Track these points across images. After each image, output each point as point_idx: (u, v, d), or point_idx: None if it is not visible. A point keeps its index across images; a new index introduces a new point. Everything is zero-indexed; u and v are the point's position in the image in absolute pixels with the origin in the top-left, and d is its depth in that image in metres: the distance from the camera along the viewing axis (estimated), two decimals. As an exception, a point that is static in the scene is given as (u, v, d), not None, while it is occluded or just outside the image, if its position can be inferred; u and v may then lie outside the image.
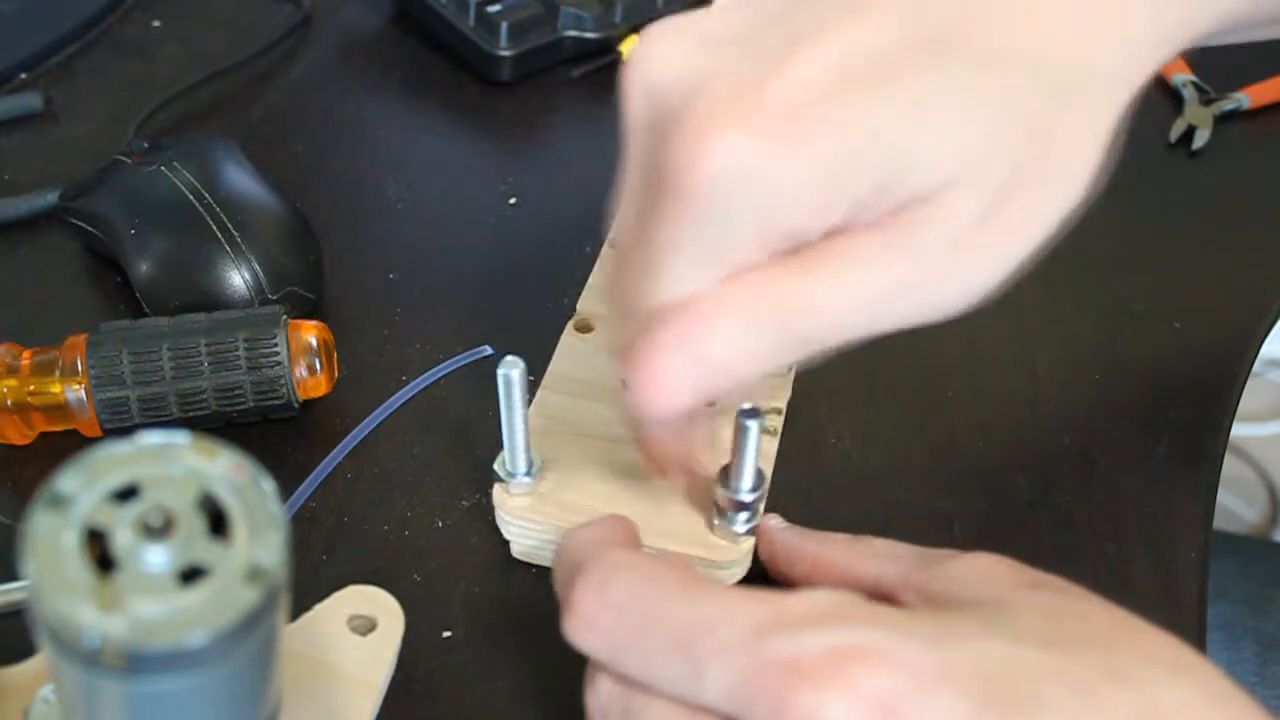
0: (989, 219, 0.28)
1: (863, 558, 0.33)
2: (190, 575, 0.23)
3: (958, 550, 0.31)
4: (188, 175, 0.45)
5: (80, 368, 0.39)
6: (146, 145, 0.47)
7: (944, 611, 0.29)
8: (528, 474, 0.37)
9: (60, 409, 0.39)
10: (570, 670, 0.36)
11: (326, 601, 0.35)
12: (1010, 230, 0.29)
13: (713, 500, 0.36)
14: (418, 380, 0.43)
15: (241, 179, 0.46)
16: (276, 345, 0.40)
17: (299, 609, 0.35)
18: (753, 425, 0.33)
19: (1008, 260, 0.29)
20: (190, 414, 0.40)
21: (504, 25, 0.57)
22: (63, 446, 0.40)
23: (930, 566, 0.31)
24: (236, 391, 0.40)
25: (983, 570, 0.30)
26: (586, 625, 0.29)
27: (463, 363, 0.44)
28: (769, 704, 0.26)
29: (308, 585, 0.36)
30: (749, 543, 0.36)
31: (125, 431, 0.39)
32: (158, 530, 0.23)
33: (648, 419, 0.32)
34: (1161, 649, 0.27)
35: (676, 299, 0.29)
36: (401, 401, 0.43)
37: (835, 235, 0.29)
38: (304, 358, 0.40)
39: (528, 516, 0.37)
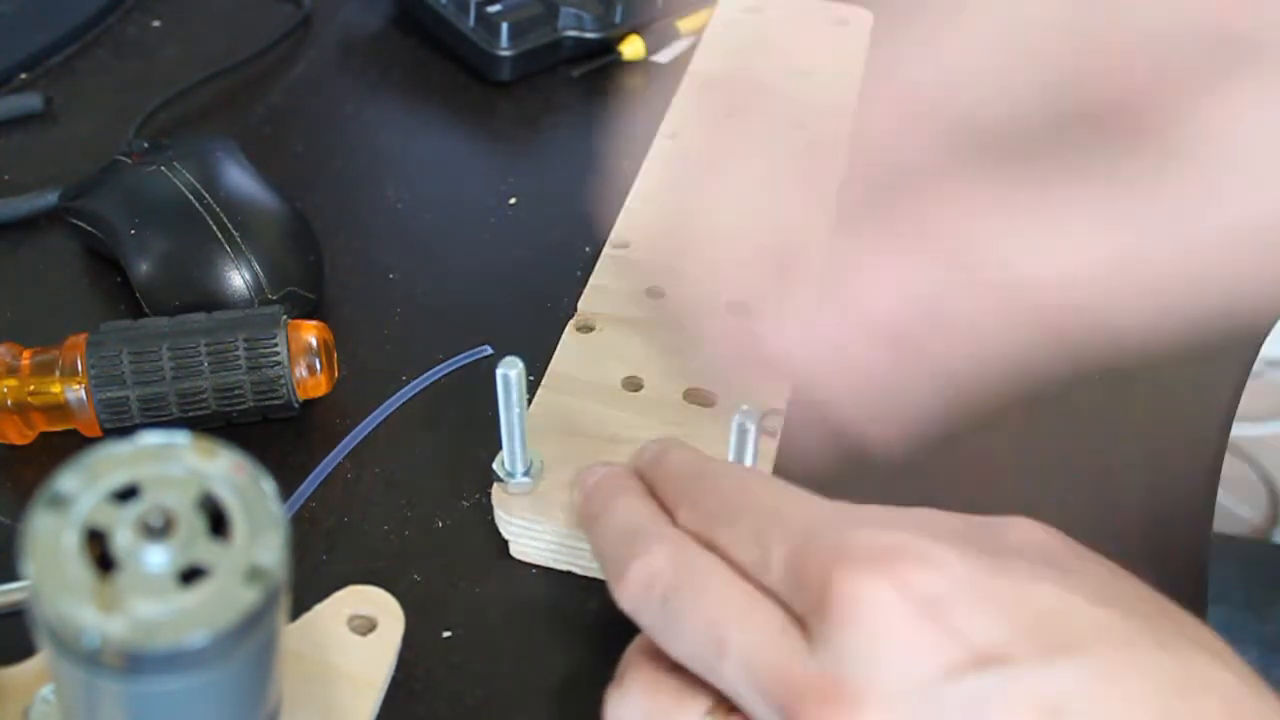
0: None
1: None
2: (190, 575, 0.23)
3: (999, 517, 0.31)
4: (188, 175, 0.45)
5: (80, 368, 0.39)
6: (146, 145, 0.47)
7: (997, 556, 0.29)
8: (527, 474, 0.37)
9: (60, 409, 0.39)
10: (570, 670, 0.36)
11: (326, 601, 0.35)
12: None
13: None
14: (418, 380, 0.43)
15: (241, 179, 0.46)
16: (276, 345, 0.40)
17: (299, 609, 0.35)
18: (751, 427, 0.33)
19: None
20: (190, 414, 0.40)
21: (504, 25, 0.57)
22: (63, 446, 0.40)
23: (976, 529, 0.31)
24: (236, 391, 0.40)
25: (1035, 541, 0.30)
26: (690, 504, 0.31)
27: (463, 363, 0.44)
28: (815, 586, 0.27)
29: (308, 585, 0.36)
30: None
31: (125, 431, 0.39)
32: (158, 530, 0.23)
33: None
34: (1202, 633, 0.28)
35: None
36: (401, 401, 0.43)
37: None
38: (304, 358, 0.40)
39: (527, 517, 0.37)
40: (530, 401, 0.40)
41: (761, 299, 0.38)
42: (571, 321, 0.44)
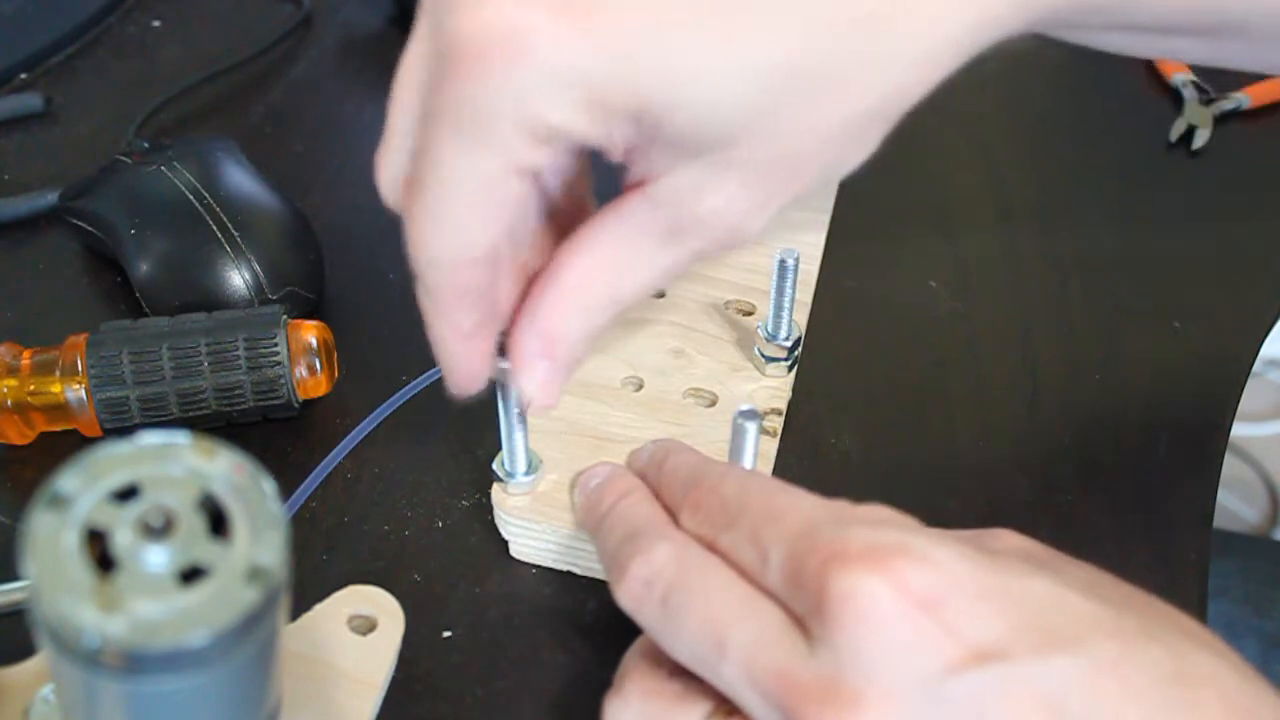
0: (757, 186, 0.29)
1: None
2: (190, 575, 0.23)
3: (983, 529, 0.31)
4: (188, 175, 0.45)
5: (80, 368, 0.39)
6: (146, 145, 0.47)
7: (991, 554, 0.29)
8: (527, 474, 0.37)
9: (60, 409, 0.39)
10: (570, 670, 0.36)
11: (326, 601, 0.35)
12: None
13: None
14: (418, 380, 0.43)
15: (241, 179, 0.46)
16: (276, 345, 0.40)
17: (299, 609, 0.35)
18: (751, 427, 0.33)
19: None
20: (190, 414, 0.40)
21: (504, 25, 0.57)
22: (63, 446, 0.40)
23: (965, 537, 0.31)
24: (236, 391, 0.40)
25: (1021, 549, 0.30)
26: (693, 507, 0.31)
27: (463, 363, 0.44)
28: (813, 586, 0.27)
29: (308, 585, 0.36)
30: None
31: (125, 431, 0.39)
32: (158, 530, 0.23)
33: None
34: (1195, 628, 0.28)
35: (455, 200, 0.30)
36: (401, 401, 0.43)
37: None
38: (304, 358, 0.40)
39: (526, 517, 0.37)
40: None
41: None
42: (571, 321, 0.44)
